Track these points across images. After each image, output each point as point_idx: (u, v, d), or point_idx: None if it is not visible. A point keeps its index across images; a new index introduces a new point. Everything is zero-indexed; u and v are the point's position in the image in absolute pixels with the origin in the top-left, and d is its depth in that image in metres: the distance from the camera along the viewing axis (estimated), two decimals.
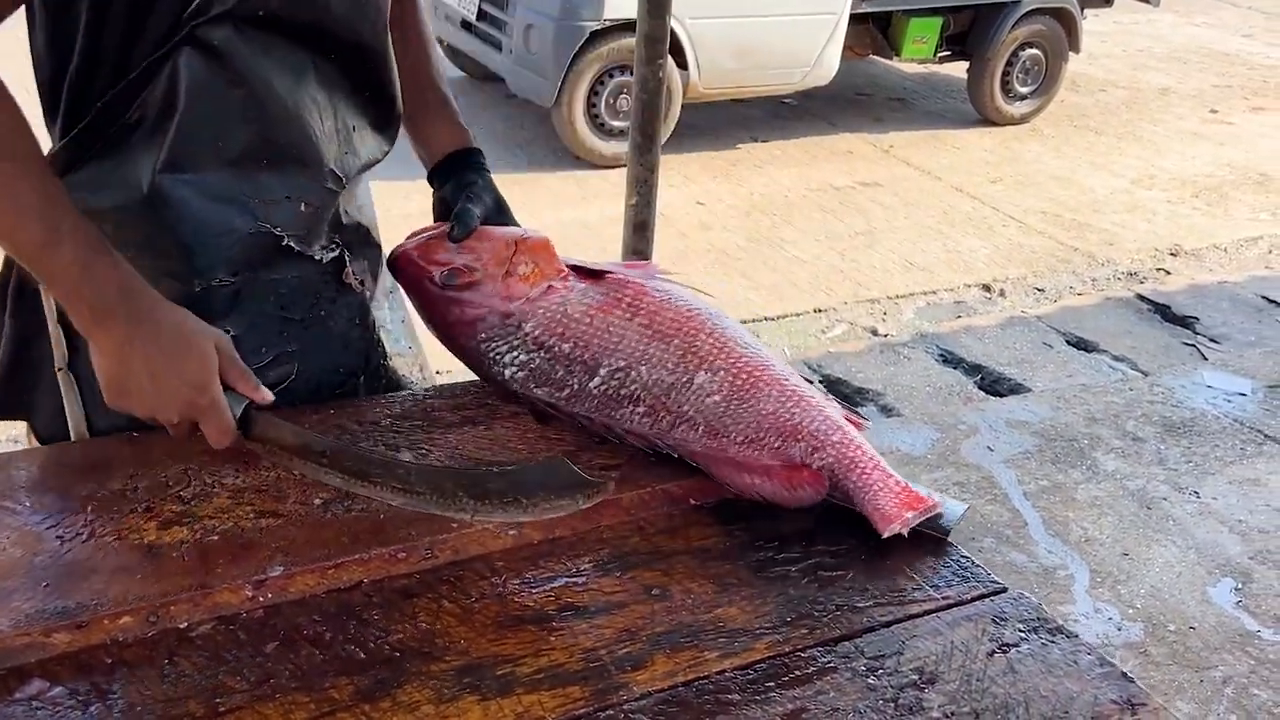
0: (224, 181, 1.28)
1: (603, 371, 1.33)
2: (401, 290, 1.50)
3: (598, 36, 6.28)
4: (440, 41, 7.54)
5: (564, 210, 5.91)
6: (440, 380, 1.60)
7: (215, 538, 1.15)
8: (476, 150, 1.57)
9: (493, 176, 1.55)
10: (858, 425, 1.34)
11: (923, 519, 1.24)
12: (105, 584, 1.08)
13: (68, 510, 1.18)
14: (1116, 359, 4.75)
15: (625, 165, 6.21)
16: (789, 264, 5.46)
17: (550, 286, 1.36)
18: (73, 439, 1.34)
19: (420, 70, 1.58)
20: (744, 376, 1.31)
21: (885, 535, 1.23)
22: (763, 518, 1.29)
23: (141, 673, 1.01)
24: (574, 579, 1.17)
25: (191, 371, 1.17)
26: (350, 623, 1.08)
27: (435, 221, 1.51)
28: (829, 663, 1.08)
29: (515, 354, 1.35)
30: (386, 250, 1.50)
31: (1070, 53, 7.91)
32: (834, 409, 1.32)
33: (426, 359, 1.63)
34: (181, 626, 1.06)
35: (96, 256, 1.15)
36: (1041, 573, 3.25)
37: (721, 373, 1.31)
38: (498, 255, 1.37)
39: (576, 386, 1.34)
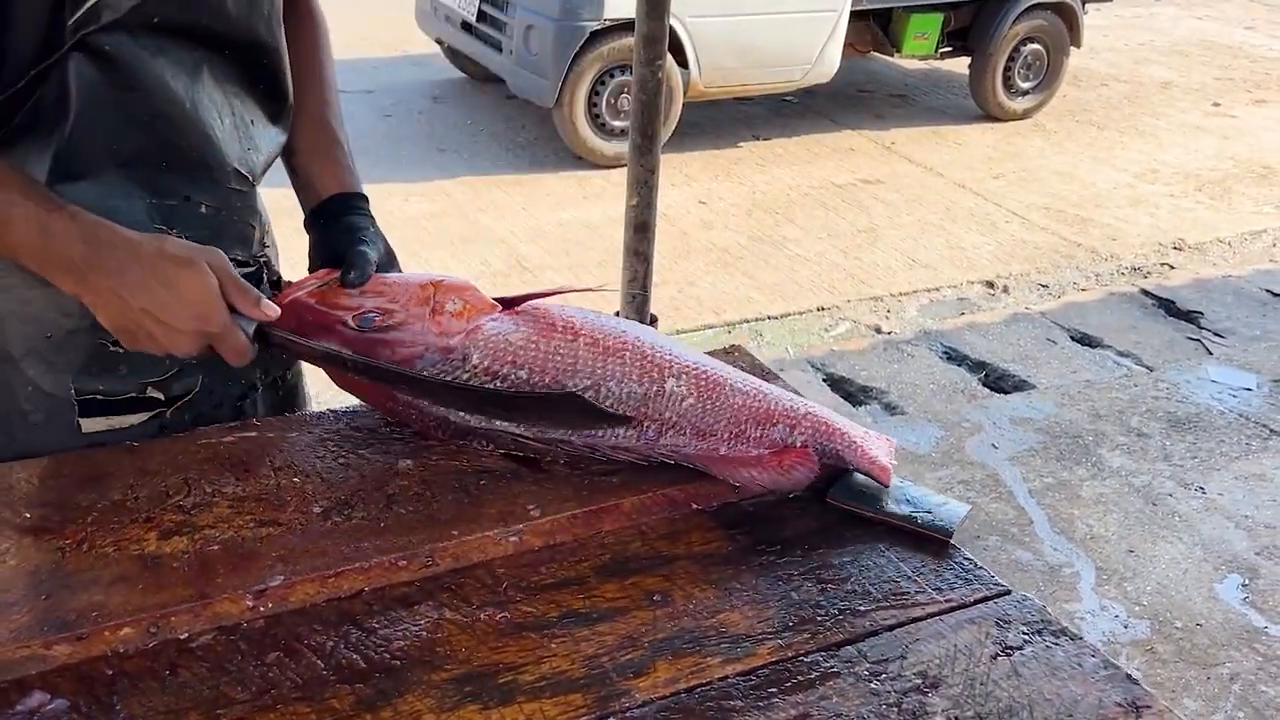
0: (119, 183, 1.25)
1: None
2: None
3: (598, 36, 6.27)
4: (440, 43, 7.56)
5: (566, 210, 5.90)
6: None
7: (215, 547, 1.15)
8: (362, 195, 1.47)
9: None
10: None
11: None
12: (105, 595, 1.08)
13: (67, 520, 1.18)
14: (1121, 354, 4.73)
15: (626, 165, 6.25)
16: (791, 262, 5.46)
17: (484, 322, 1.30)
18: None
19: (313, 105, 1.49)
20: (704, 377, 1.32)
21: (889, 483, 1.30)
22: (764, 521, 1.29)
23: (143, 684, 1.01)
24: (575, 585, 1.17)
25: (193, 299, 1.14)
26: (351, 632, 1.08)
27: (315, 270, 1.36)
28: (832, 667, 1.08)
29: (470, 382, 1.29)
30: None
31: (1072, 47, 7.90)
32: (780, 389, 1.36)
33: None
34: (182, 637, 1.06)
35: (50, 216, 1.12)
36: (1047, 570, 3.24)
37: (684, 376, 1.31)
38: (416, 296, 1.29)
39: None
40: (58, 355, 1.28)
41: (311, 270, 1.36)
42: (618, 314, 2.97)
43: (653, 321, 3.14)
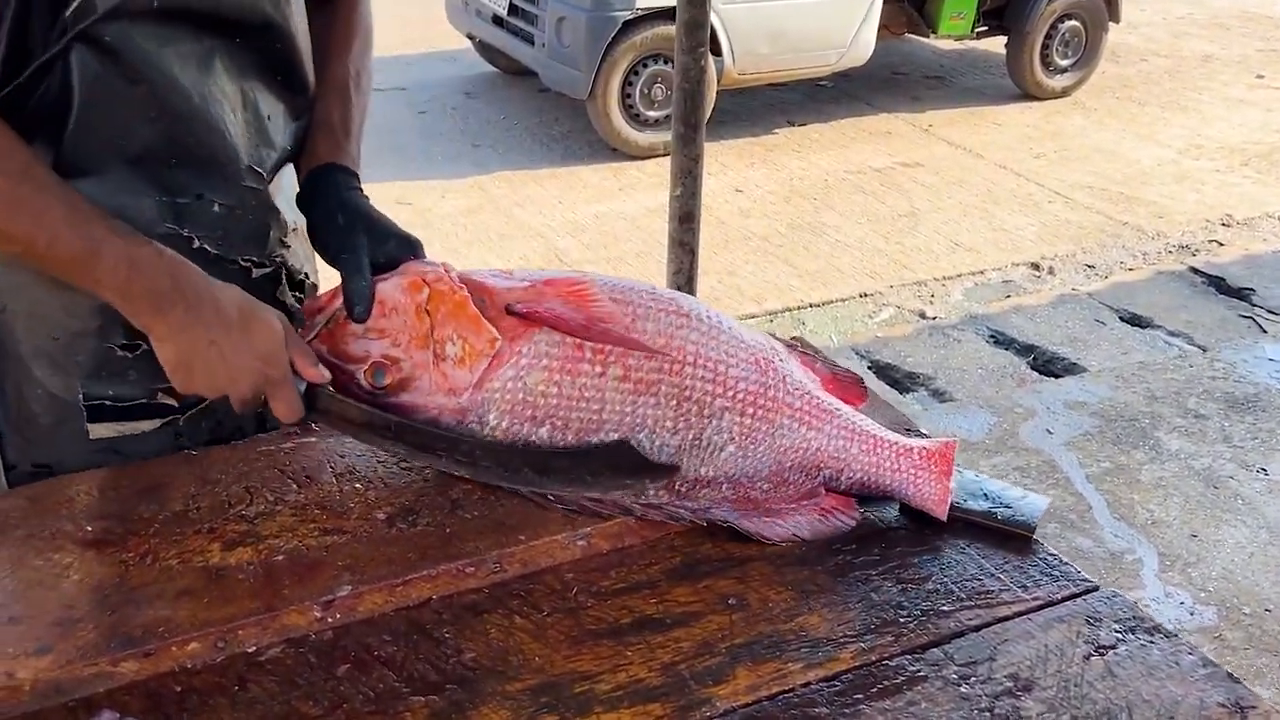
0: (128, 181, 1.22)
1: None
2: None
3: (630, 26, 6.23)
4: (471, 38, 7.54)
5: (603, 203, 5.87)
6: None
7: (280, 557, 1.13)
8: (343, 169, 1.37)
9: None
10: (856, 396, 1.33)
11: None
12: (171, 609, 1.06)
13: (130, 533, 1.16)
14: (1172, 334, 4.64)
15: (661, 155, 6.22)
16: (832, 249, 5.40)
17: (490, 361, 1.19)
18: None
19: (335, 69, 1.43)
20: (750, 412, 1.21)
21: (946, 518, 1.22)
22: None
23: (212, 701, 0.98)
24: (647, 590, 1.14)
25: (262, 343, 1.15)
26: (421, 642, 1.05)
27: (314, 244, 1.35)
28: (918, 671, 1.04)
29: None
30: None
31: (1110, 23, 7.75)
32: (846, 412, 1.26)
33: None
34: (250, 650, 1.04)
35: (139, 250, 1.13)
36: (1109, 558, 3.18)
37: (726, 415, 1.21)
38: (416, 334, 1.20)
39: None
40: (65, 357, 1.26)
41: (313, 242, 1.35)
42: None
43: None
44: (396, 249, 1.28)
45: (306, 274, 1.45)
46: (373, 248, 1.26)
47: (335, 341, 1.22)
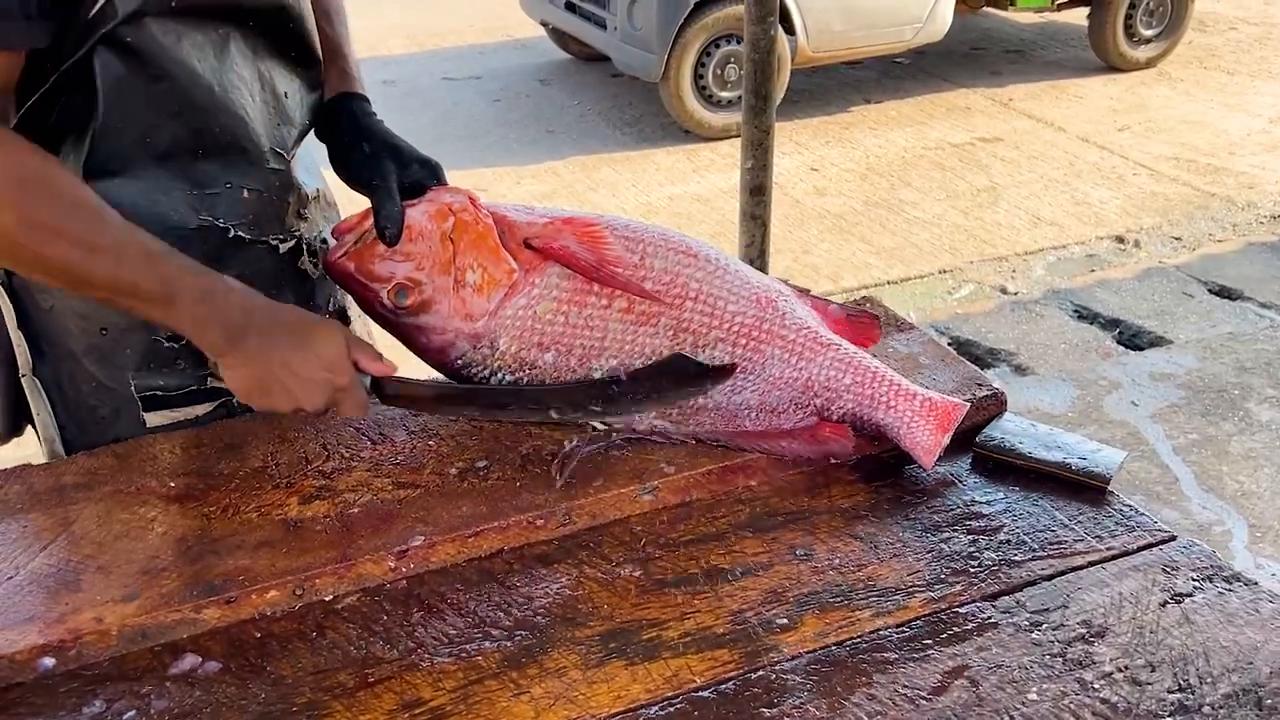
0: (157, 178, 1.25)
1: (596, 375, 1.26)
2: None
3: (702, 7, 6.20)
4: (544, 25, 7.58)
5: (676, 185, 5.86)
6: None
7: (355, 510, 1.15)
8: (358, 97, 1.43)
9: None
10: (868, 337, 1.33)
11: (956, 427, 1.22)
12: (251, 559, 1.09)
13: (211, 488, 1.20)
14: (1263, 306, 4.50)
15: (734, 136, 6.19)
16: (909, 225, 5.32)
17: (506, 291, 1.24)
18: (41, 445, 1.33)
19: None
20: (743, 344, 1.25)
21: (930, 468, 1.22)
22: (907, 473, 1.24)
23: (291, 646, 1.01)
24: (714, 541, 1.14)
25: (328, 355, 1.18)
26: (493, 590, 1.07)
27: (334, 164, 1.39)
28: (989, 618, 1.03)
29: (500, 375, 1.26)
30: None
31: None
32: (840, 343, 1.27)
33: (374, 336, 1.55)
34: (327, 599, 1.07)
35: (213, 287, 1.16)
36: (1196, 529, 3.10)
37: (719, 346, 1.25)
38: (439, 260, 1.25)
39: None
40: (114, 351, 1.29)
41: (336, 169, 1.39)
42: None
43: None
44: (420, 173, 1.32)
45: (324, 239, 1.45)
46: (399, 173, 1.30)
47: (363, 260, 1.26)
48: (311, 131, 1.42)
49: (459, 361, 1.26)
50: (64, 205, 1.09)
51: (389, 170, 1.29)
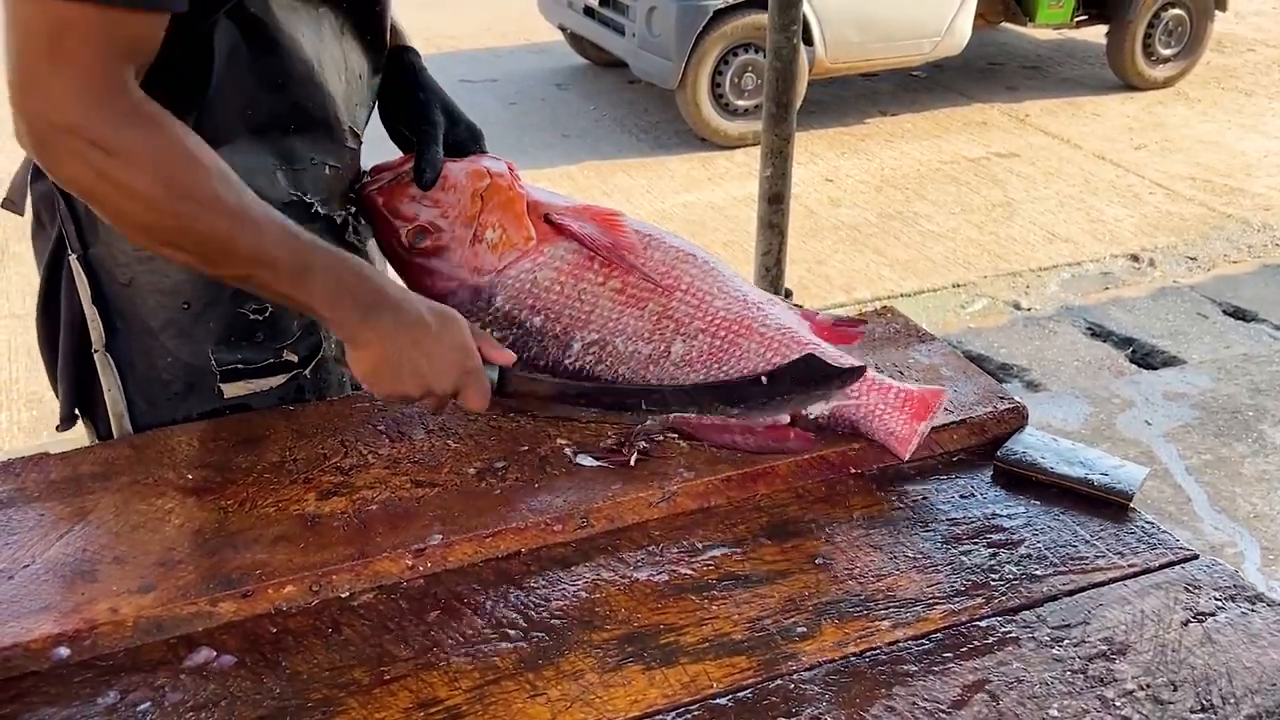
0: (253, 151, 1.25)
1: (576, 346, 1.30)
2: None
3: (720, 15, 6.21)
4: (562, 29, 7.59)
5: (691, 192, 5.86)
6: None
7: (374, 507, 1.15)
8: (410, 50, 1.47)
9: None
10: (852, 337, 1.37)
11: (934, 421, 1.24)
12: (268, 554, 1.08)
13: (228, 481, 1.19)
14: (1278, 329, 4.49)
15: (751, 145, 6.18)
16: (924, 239, 5.32)
17: (519, 255, 1.30)
18: (112, 422, 1.32)
19: None
20: (722, 335, 1.29)
21: (906, 457, 1.23)
22: (928, 485, 1.24)
23: (307, 641, 1.01)
24: (733, 548, 1.14)
25: (458, 337, 1.18)
26: (510, 591, 1.07)
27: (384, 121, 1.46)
28: (1010, 633, 1.02)
29: (488, 330, 1.30)
30: None
31: (1216, 11, 7.52)
32: (807, 334, 1.30)
33: None
34: (344, 595, 1.06)
35: (344, 266, 1.15)
36: (1209, 550, 3.06)
37: (700, 336, 1.29)
38: (464, 213, 1.31)
39: (550, 363, 1.31)
40: (195, 326, 1.28)
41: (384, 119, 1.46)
42: None
43: (788, 295, 3.08)
44: (465, 135, 1.39)
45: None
46: (448, 128, 1.36)
47: (391, 197, 1.33)
48: None
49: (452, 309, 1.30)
50: (214, 177, 1.08)
51: (439, 120, 1.36)
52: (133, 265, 1.25)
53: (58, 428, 1.37)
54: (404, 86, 1.43)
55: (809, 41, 6.32)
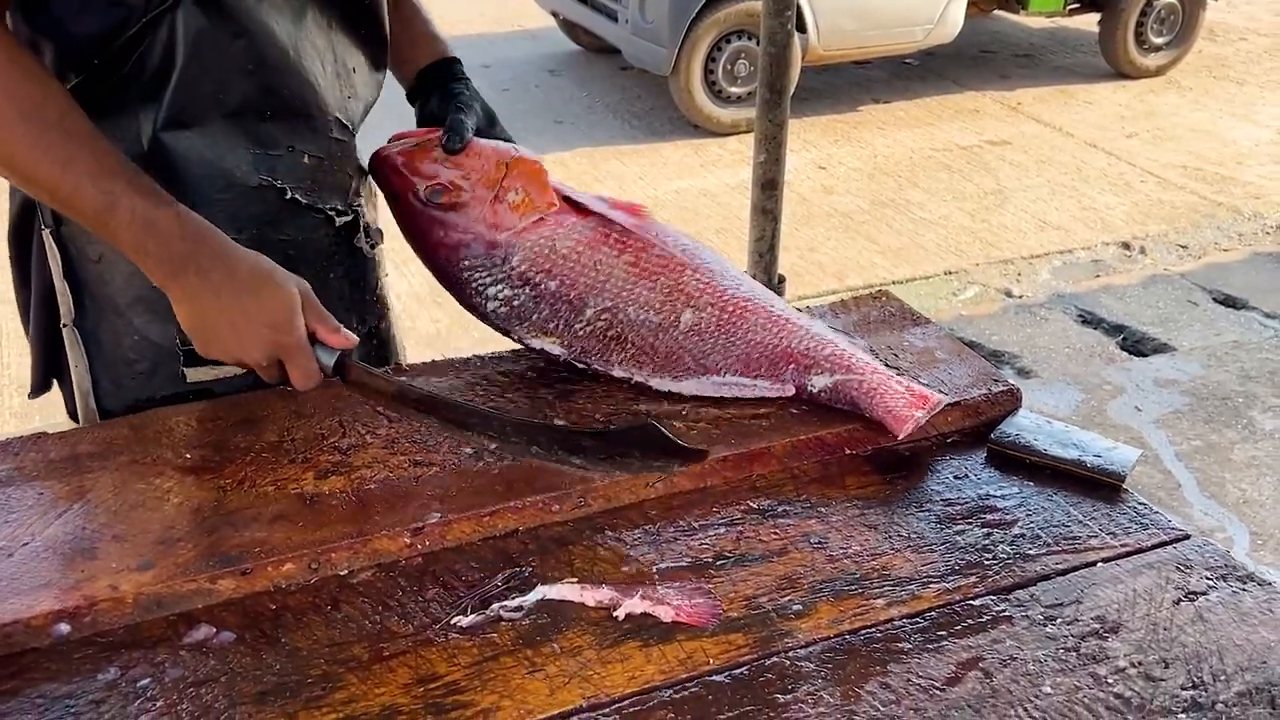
0: (224, 134, 1.25)
1: (589, 311, 1.31)
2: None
3: (713, 2, 6.20)
4: (555, 16, 7.57)
5: (684, 179, 5.86)
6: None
7: (372, 486, 1.15)
8: (456, 60, 1.52)
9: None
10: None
11: (932, 415, 1.24)
12: (267, 532, 1.09)
13: (226, 461, 1.19)
14: (1269, 316, 4.51)
15: (743, 132, 6.18)
16: (916, 226, 5.33)
17: (540, 219, 1.32)
18: (78, 399, 1.32)
19: None
20: (730, 309, 1.31)
21: (901, 435, 1.23)
22: (922, 466, 1.25)
23: (306, 618, 1.01)
24: (729, 527, 1.14)
25: (272, 310, 1.15)
26: (508, 569, 1.07)
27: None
28: (1003, 611, 1.03)
29: (499, 288, 1.31)
30: None
31: (1208, 0, 7.54)
32: (821, 326, 1.33)
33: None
34: (343, 573, 1.07)
35: (157, 210, 1.13)
36: (1198, 535, 3.10)
37: (708, 309, 1.31)
38: (487, 176, 1.33)
39: (561, 326, 1.32)
40: (163, 304, 1.27)
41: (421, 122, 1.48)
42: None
43: (780, 282, 3.09)
44: (501, 138, 1.41)
45: (380, 228, 1.50)
46: (482, 120, 1.39)
47: (414, 156, 1.34)
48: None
49: (465, 264, 1.32)
50: (27, 97, 1.09)
51: (473, 106, 1.39)
52: (102, 242, 1.25)
53: (30, 395, 1.39)
54: (446, 91, 1.45)
55: (802, 28, 6.31)
